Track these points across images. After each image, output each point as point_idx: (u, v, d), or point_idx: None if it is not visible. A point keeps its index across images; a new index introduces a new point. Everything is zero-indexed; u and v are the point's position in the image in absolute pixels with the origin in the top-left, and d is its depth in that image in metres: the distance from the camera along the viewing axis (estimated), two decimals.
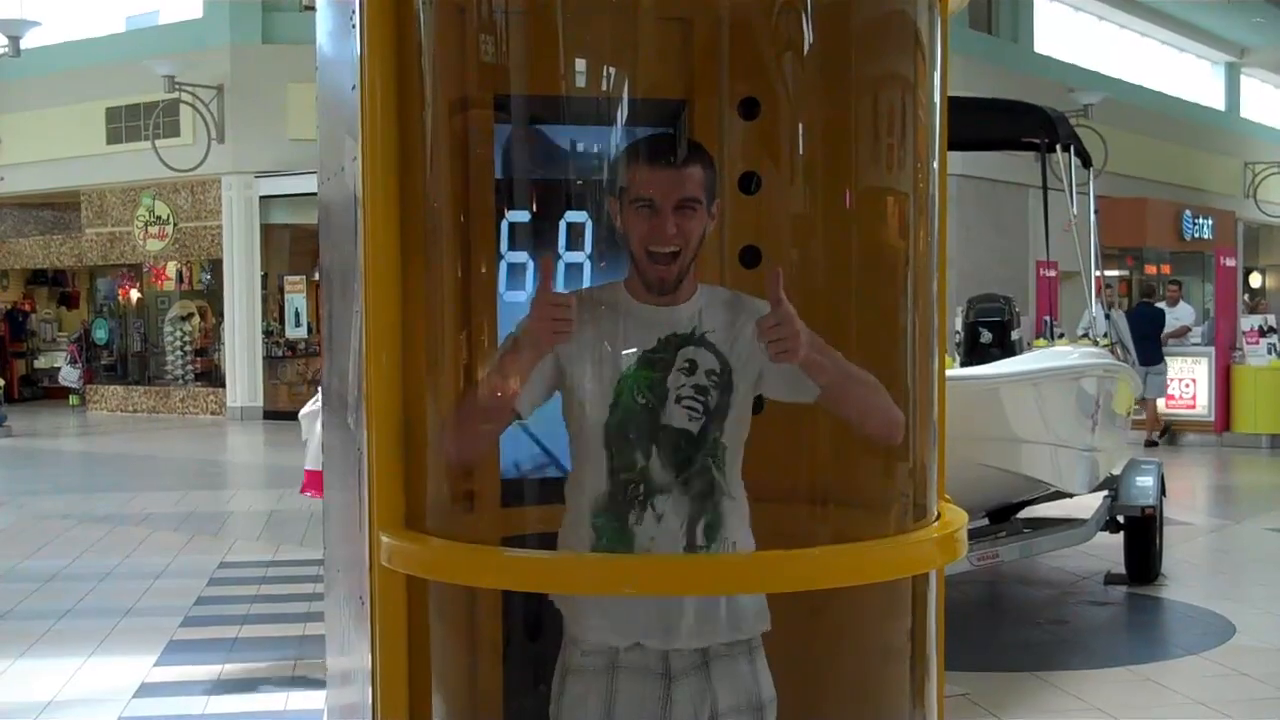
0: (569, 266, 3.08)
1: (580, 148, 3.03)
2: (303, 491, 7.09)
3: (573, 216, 3.08)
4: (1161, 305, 18.28)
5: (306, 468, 6.90)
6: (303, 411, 6.97)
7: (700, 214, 2.69)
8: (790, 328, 2.60)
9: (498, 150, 3.03)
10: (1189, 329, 18.78)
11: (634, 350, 2.72)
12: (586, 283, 3.07)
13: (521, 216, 3.07)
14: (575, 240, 3.08)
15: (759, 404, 2.83)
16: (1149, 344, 16.63)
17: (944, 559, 2.86)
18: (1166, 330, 18.50)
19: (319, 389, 6.50)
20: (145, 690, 6.67)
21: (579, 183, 3.09)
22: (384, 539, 2.71)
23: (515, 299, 3.04)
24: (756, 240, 3.13)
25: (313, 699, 6.17)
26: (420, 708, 2.85)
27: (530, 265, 3.05)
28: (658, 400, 2.69)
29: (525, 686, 2.91)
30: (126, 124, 24.06)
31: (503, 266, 3.08)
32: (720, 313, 2.77)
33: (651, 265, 2.69)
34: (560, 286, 3.08)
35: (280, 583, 9.16)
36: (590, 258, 3.07)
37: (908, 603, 2.94)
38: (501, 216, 3.06)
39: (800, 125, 3.02)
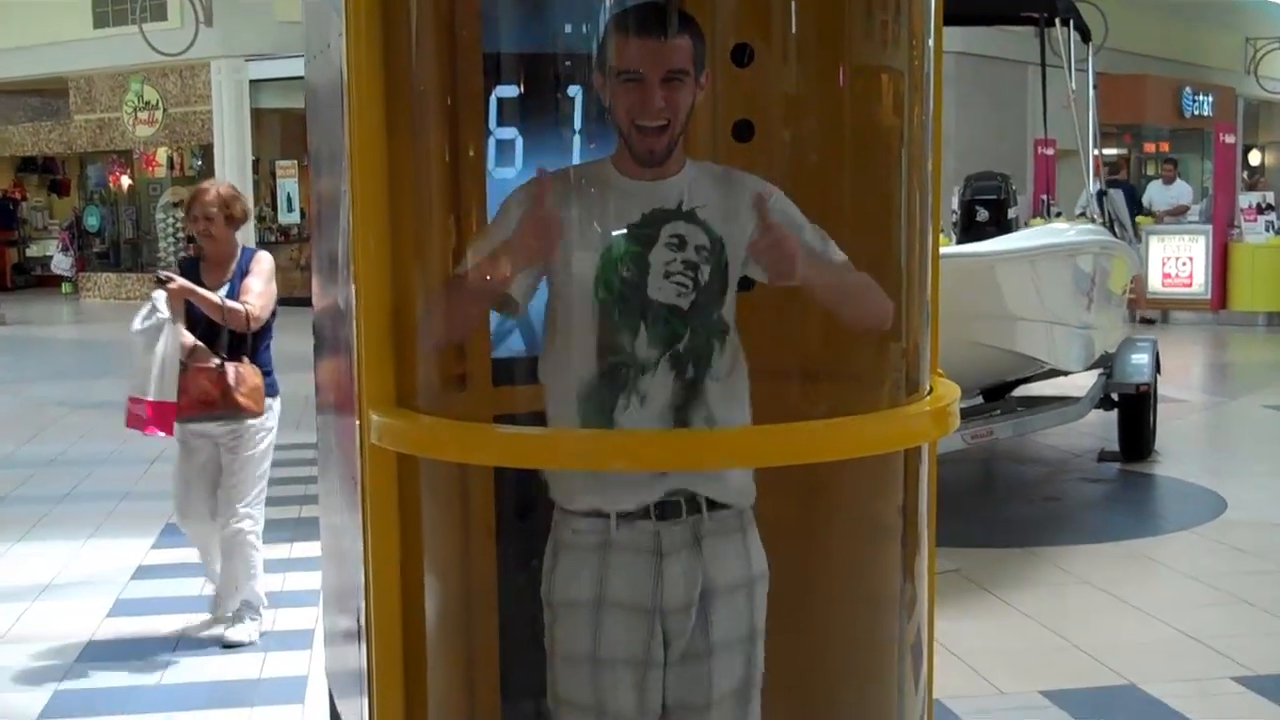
0: (561, 140, 3.02)
1: (568, 19, 2.96)
2: (131, 426, 5.61)
3: (562, 91, 3.01)
4: (1157, 182, 18.15)
5: (134, 395, 5.52)
6: (134, 326, 5.49)
7: (689, 85, 2.63)
8: (784, 248, 2.61)
9: (485, 23, 2.96)
10: (1187, 208, 18.71)
11: (617, 226, 2.68)
12: (575, 159, 3.01)
13: (509, 91, 3.01)
14: (565, 115, 3.03)
15: (747, 282, 2.80)
16: None
17: (937, 432, 2.85)
18: (1164, 208, 18.45)
19: (150, 301, 5.45)
20: (142, 572, 6.73)
21: (567, 56, 3.03)
22: (374, 417, 2.69)
23: (504, 175, 3.00)
24: (749, 114, 3.08)
25: (309, 580, 6.22)
26: (412, 587, 2.86)
27: (519, 141, 3.00)
28: (640, 275, 2.65)
29: (518, 564, 2.91)
30: (113, 7, 23.73)
31: (491, 143, 3.02)
32: (710, 188, 2.72)
33: (640, 137, 2.64)
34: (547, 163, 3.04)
35: (275, 466, 9.10)
36: (580, 133, 3.01)
37: (900, 478, 2.94)
38: (489, 92, 3.00)
39: None
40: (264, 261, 5.78)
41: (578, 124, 3.00)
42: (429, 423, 2.70)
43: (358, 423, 2.78)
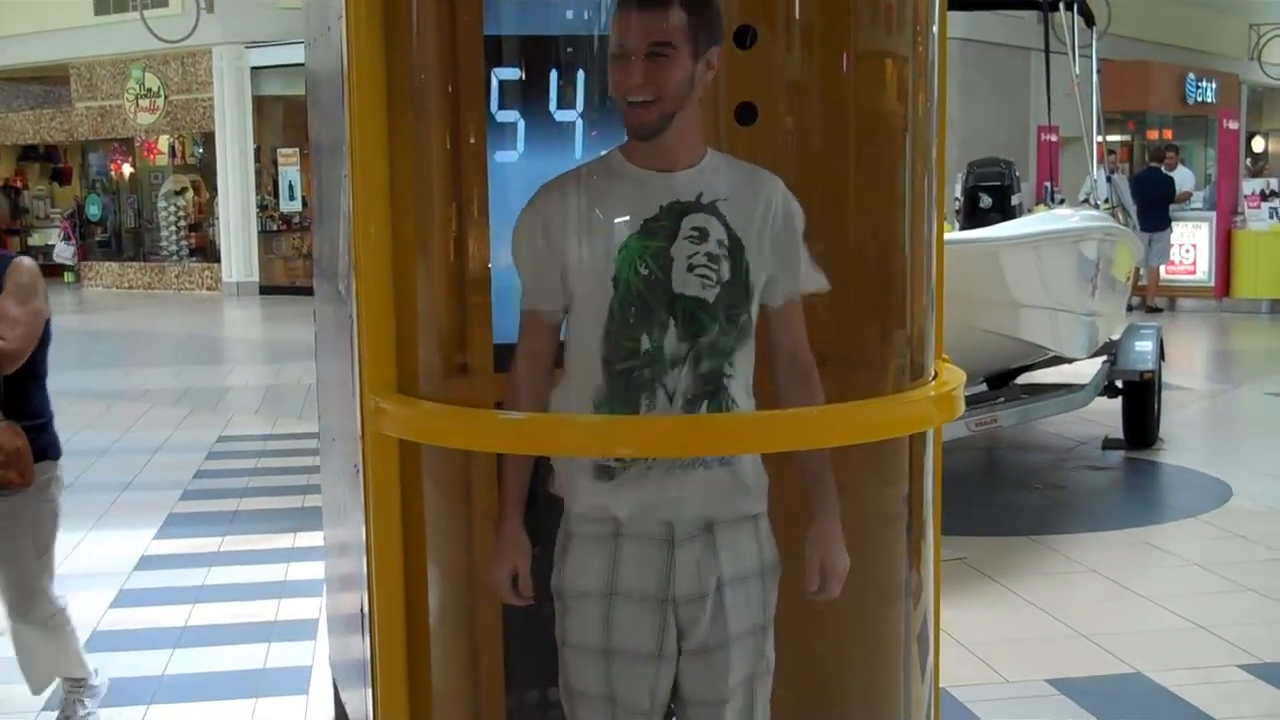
0: (560, 125, 3.00)
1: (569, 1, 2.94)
2: None
3: (564, 73, 2.98)
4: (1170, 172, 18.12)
5: None
6: None
7: (677, 60, 2.53)
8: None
9: (486, 5, 2.94)
10: (1190, 194, 18.67)
11: (630, 218, 2.60)
12: (578, 143, 2.99)
13: (511, 74, 2.99)
14: (567, 98, 3.00)
15: None
16: (1156, 209, 16.52)
17: (942, 417, 2.83)
18: None
19: None
20: (146, 563, 6.72)
21: (569, 39, 3.01)
22: (375, 404, 2.67)
23: (506, 159, 2.97)
24: (751, 97, 3.05)
25: (313, 570, 6.20)
26: (416, 576, 2.84)
27: (521, 124, 2.98)
28: (664, 270, 2.58)
29: None
30: None
31: (492, 126, 3.00)
32: (728, 182, 2.65)
33: (629, 111, 2.57)
34: (553, 150, 3.01)
35: (279, 456, 9.20)
36: (581, 115, 2.98)
37: (905, 465, 2.92)
38: (490, 75, 2.97)
39: None
40: (24, 273, 4.29)
41: (579, 107, 2.97)
42: (431, 408, 2.68)
43: (359, 409, 2.76)
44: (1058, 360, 8.78)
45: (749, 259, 2.63)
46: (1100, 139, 10.10)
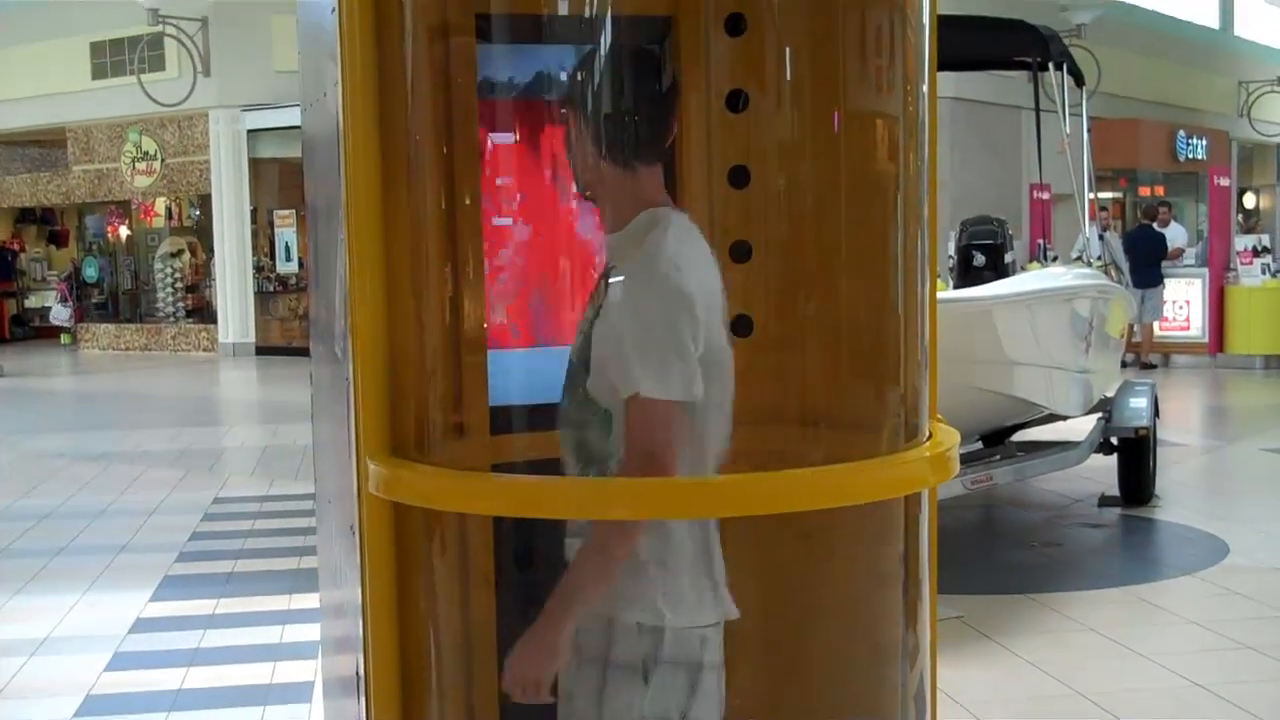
0: (558, 188, 3.03)
1: (563, 66, 2.97)
2: None
3: (558, 138, 3.02)
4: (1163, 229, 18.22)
5: None
6: None
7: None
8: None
9: (480, 71, 2.97)
10: (1182, 250, 18.75)
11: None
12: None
13: (506, 138, 3.02)
14: (562, 162, 3.03)
15: (749, 326, 2.78)
16: (1149, 267, 16.60)
17: (936, 478, 2.83)
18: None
19: None
20: (141, 625, 6.68)
21: (563, 102, 3.04)
22: (371, 466, 2.68)
23: (501, 223, 3.00)
24: (744, 160, 3.08)
25: (308, 632, 6.18)
26: (412, 638, 2.84)
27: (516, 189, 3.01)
28: (581, 334, 2.66)
29: (517, 615, 2.89)
30: (111, 59, 23.89)
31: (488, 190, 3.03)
32: (625, 251, 2.60)
33: None
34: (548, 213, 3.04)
35: (275, 517, 9.17)
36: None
37: (900, 525, 2.92)
38: (486, 139, 3.01)
39: (787, 45, 2.97)
40: None
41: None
42: (427, 471, 2.68)
43: (355, 470, 2.77)
44: (1053, 418, 8.79)
45: (595, 337, 2.58)
46: (1092, 196, 10.17)
